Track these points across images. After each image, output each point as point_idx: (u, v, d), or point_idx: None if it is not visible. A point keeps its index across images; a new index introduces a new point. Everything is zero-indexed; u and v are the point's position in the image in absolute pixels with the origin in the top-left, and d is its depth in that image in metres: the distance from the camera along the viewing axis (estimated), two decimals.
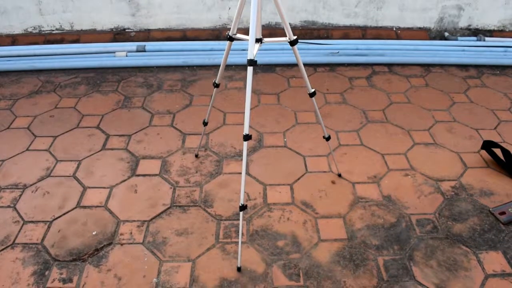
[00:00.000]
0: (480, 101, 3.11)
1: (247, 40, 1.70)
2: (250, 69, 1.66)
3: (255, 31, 1.69)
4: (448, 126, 2.82)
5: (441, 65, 3.59)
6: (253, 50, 1.67)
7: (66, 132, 2.76)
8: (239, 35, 1.87)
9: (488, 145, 2.56)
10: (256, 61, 1.67)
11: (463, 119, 2.89)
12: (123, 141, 2.67)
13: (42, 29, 3.84)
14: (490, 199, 2.25)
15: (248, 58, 1.65)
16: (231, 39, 1.88)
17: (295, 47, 1.85)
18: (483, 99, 3.13)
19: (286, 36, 1.83)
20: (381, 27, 3.92)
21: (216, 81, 2.11)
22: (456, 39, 3.91)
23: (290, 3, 3.75)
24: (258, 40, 1.80)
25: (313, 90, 2.02)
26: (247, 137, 1.74)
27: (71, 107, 3.01)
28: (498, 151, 2.50)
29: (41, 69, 3.49)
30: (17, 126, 2.84)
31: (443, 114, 2.95)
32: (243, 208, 1.82)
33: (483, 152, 2.59)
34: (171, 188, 2.32)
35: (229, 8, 3.75)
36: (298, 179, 2.38)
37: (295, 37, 1.83)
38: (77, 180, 2.37)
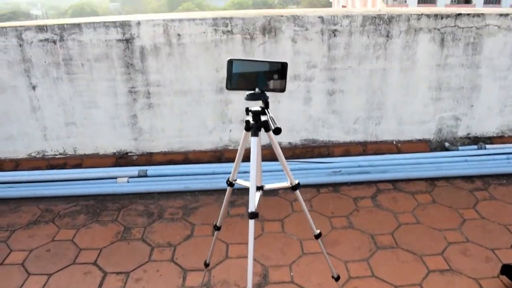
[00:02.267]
0: (491, 216, 3.01)
1: (248, 187, 1.66)
2: (251, 223, 1.58)
3: (255, 180, 1.65)
4: (462, 248, 2.69)
5: (446, 178, 3.55)
6: (254, 201, 1.62)
7: (62, 269, 2.63)
8: (239, 181, 1.84)
9: (508, 270, 2.40)
10: (257, 213, 1.60)
11: (476, 239, 2.77)
12: (121, 279, 2.52)
13: (45, 153, 3.89)
14: None
15: (250, 211, 1.58)
16: (231, 184, 1.85)
17: (298, 191, 1.81)
18: (494, 213, 3.03)
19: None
20: (381, 141, 3.96)
21: (217, 224, 2.03)
22: (457, 149, 3.92)
23: (290, 124, 3.82)
24: (259, 188, 1.76)
25: (318, 231, 1.94)
26: None
27: (69, 240, 2.91)
28: None
29: (41, 197, 3.46)
30: (12, 262, 2.71)
31: (455, 234, 2.83)
32: None
33: (503, 277, 2.42)
34: None
35: (230, 131, 3.82)
36: None
37: (296, 181, 1.79)
38: None
